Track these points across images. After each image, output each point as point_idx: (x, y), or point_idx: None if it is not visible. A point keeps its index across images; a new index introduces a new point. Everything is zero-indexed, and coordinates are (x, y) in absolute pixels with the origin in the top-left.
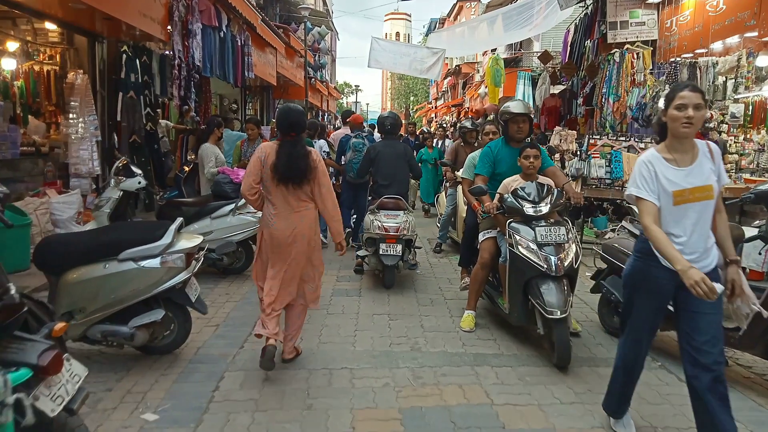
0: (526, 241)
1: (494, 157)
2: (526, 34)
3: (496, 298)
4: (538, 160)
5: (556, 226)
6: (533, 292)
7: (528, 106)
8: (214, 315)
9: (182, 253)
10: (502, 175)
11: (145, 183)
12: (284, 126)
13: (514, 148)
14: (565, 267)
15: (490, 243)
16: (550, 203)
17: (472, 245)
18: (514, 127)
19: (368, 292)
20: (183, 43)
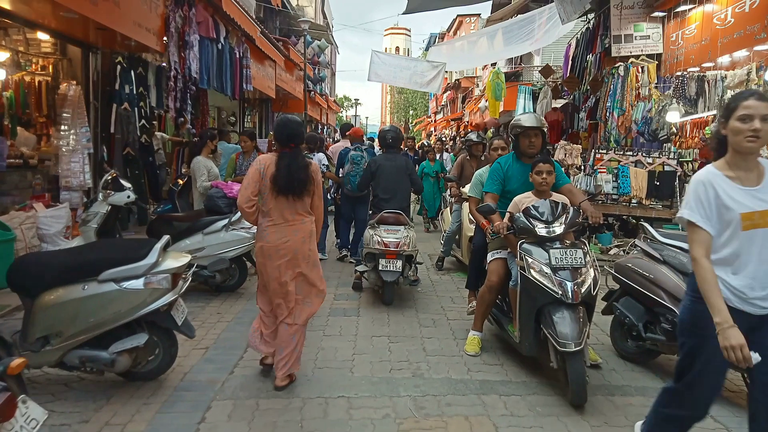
0: (539, 264)
1: (504, 174)
2: (527, 48)
3: (505, 325)
4: (552, 176)
5: (572, 249)
6: (546, 321)
7: (541, 120)
8: (204, 336)
9: (168, 273)
10: (513, 193)
11: (134, 197)
12: (283, 137)
13: (525, 163)
14: (581, 293)
15: (499, 265)
16: (565, 223)
17: (481, 266)
18: (526, 141)
19: (367, 311)
20: (179, 54)
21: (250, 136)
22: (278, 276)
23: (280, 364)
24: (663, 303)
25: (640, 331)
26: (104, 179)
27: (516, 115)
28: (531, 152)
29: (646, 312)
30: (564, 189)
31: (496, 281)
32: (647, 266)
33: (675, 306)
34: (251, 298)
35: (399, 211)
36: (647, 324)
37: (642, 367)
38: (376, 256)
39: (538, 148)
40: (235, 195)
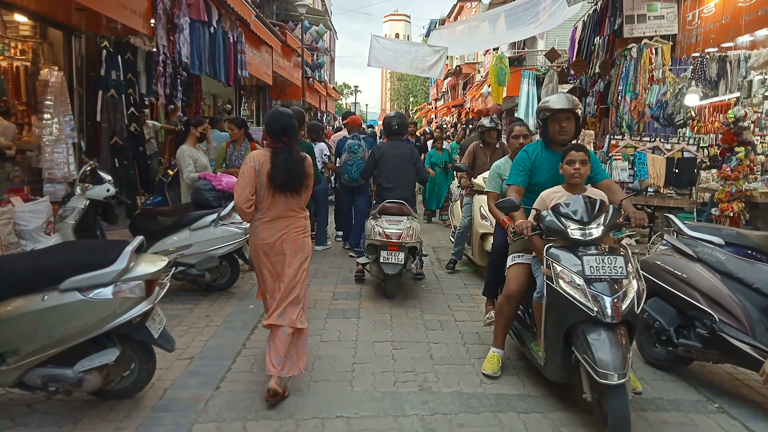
0: (570, 273)
1: (531, 164)
2: (531, 32)
3: (528, 341)
4: (586, 166)
5: (611, 256)
6: (579, 344)
7: (573, 100)
8: (190, 344)
9: (141, 279)
10: (541, 187)
11: (114, 191)
12: (275, 131)
13: (556, 152)
14: (622, 312)
15: (520, 271)
16: (604, 225)
17: (500, 271)
18: (556, 126)
19: (368, 312)
20: (168, 38)
21: (238, 125)
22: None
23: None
24: (698, 306)
25: (672, 336)
26: (82, 171)
27: (519, 102)
28: (562, 139)
29: (679, 315)
30: (602, 185)
31: (515, 290)
32: (679, 264)
33: (713, 309)
34: (243, 298)
35: (402, 201)
36: (679, 328)
37: (673, 376)
38: (378, 248)
39: (570, 134)
40: (224, 187)
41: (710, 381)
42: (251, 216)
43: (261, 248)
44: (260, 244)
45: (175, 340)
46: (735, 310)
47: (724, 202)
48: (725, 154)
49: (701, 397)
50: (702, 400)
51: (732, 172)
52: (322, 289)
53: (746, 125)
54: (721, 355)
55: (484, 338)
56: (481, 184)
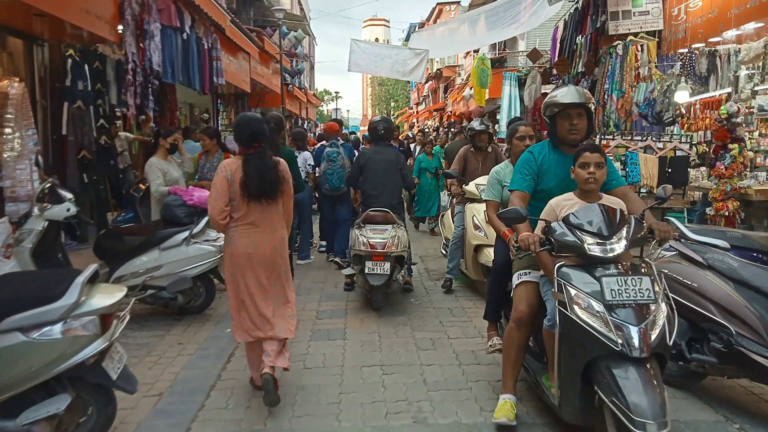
0: (587, 298)
1: (538, 167)
2: (512, 33)
3: (538, 375)
4: (602, 170)
5: (635, 276)
6: (604, 383)
7: (585, 94)
8: (159, 377)
9: (95, 315)
10: (548, 194)
11: (75, 210)
12: (245, 137)
13: (566, 154)
14: (652, 343)
15: (530, 290)
16: (627, 239)
17: (502, 291)
18: (566, 124)
19: (355, 332)
20: (138, 44)
21: (210, 135)
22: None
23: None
24: (712, 318)
25: (684, 350)
26: (40, 189)
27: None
28: (573, 138)
29: (690, 328)
30: (618, 192)
31: (526, 312)
32: (688, 273)
33: (729, 321)
34: (220, 321)
35: (386, 209)
36: (691, 342)
37: (685, 393)
38: (363, 258)
39: (582, 133)
40: (195, 203)
41: (725, 398)
42: (225, 228)
43: (236, 258)
44: (236, 253)
45: (137, 380)
46: (752, 321)
47: (719, 201)
48: (718, 152)
49: (720, 417)
50: (721, 421)
51: (726, 169)
52: (305, 308)
53: (739, 121)
54: (739, 371)
55: (480, 357)
56: (473, 192)
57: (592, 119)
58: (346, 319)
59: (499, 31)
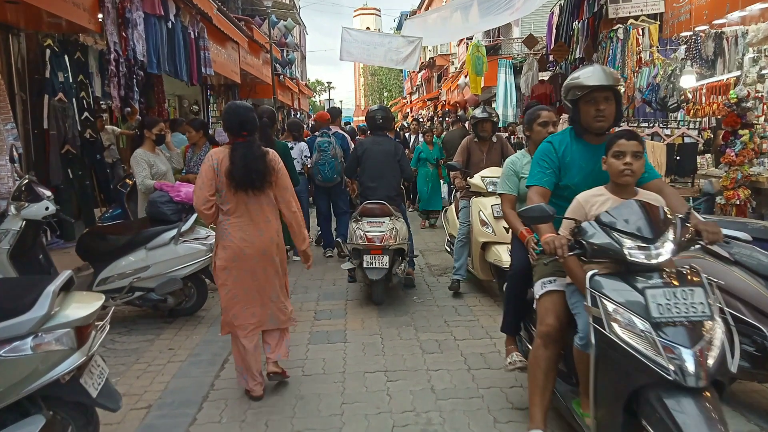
0: (629, 314)
1: (559, 159)
2: (506, 19)
3: (567, 399)
4: (640, 161)
5: (685, 287)
6: (654, 418)
7: (613, 75)
8: (148, 387)
9: (69, 327)
10: (572, 191)
11: (55, 208)
12: (234, 126)
13: (591, 144)
14: (710, 369)
15: (557, 302)
16: (674, 242)
17: (521, 299)
18: (591, 110)
19: (356, 334)
20: (120, 34)
21: (196, 127)
22: (249, 279)
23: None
24: (742, 318)
25: None
26: (16, 187)
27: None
28: (600, 126)
29: None
30: (652, 186)
31: (554, 326)
32: (713, 269)
33: (760, 322)
34: (213, 324)
35: (383, 201)
36: None
37: None
38: (361, 252)
39: (610, 119)
40: (183, 199)
41: (756, 404)
42: (212, 218)
43: (231, 251)
44: (230, 246)
45: (120, 395)
46: None
47: (729, 189)
48: (728, 138)
49: (753, 427)
50: (755, 431)
51: (737, 156)
52: (303, 307)
53: (750, 106)
54: None
55: (490, 360)
56: (479, 185)
57: (621, 104)
58: (346, 319)
59: (492, 18)
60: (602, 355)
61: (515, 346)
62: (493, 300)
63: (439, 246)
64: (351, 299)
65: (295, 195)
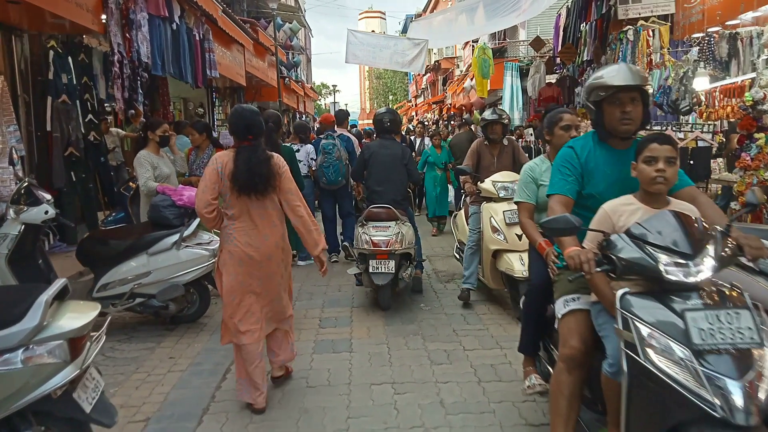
0: (666, 340)
1: (582, 166)
2: (513, 21)
3: (593, 429)
4: (674, 167)
5: (730, 310)
6: None
7: (641, 73)
8: (147, 398)
9: (62, 339)
10: (596, 200)
11: (55, 212)
12: (240, 130)
13: (616, 149)
14: (762, 405)
15: (580, 321)
16: (715, 258)
17: (539, 318)
18: (616, 112)
19: (362, 343)
20: (124, 35)
21: (199, 129)
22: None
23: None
24: None
25: None
26: (15, 190)
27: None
28: (626, 129)
29: None
30: (684, 194)
31: (580, 350)
32: (737, 279)
33: None
34: (215, 331)
35: (388, 206)
36: None
37: None
38: (367, 257)
39: (637, 122)
40: (185, 203)
41: None
42: (214, 223)
43: (236, 255)
44: (235, 251)
45: (116, 410)
46: None
47: (745, 195)
48: (743, 142)
49: None
50: None
51: (752, 161)
52: (307, 315)
53: (766, 108)
54: None
55: (501, 372)
56: (490, 190)
57: (649, 105)
58: (352, 327)
59: (498, 20)
60: (635, 384)
61: (534, 367)
62: (503, 309)
63: (446, 251)
64: (357, 306)
65: (303, 198)
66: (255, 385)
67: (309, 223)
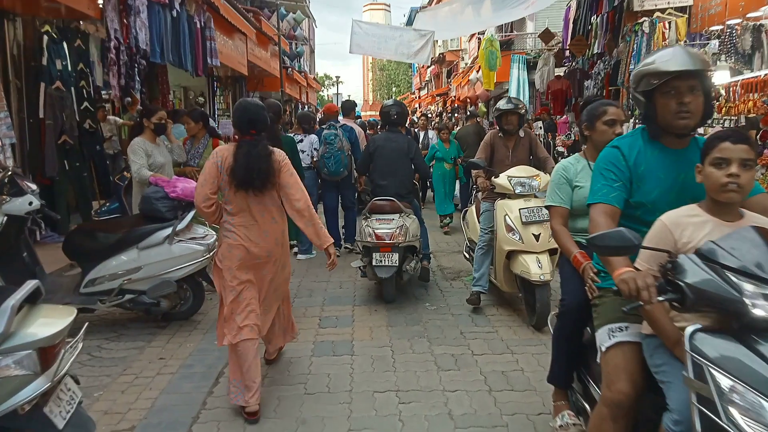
0: (756, 397)
1: (630, 169)
2: (521, 14)
3: None
4: (750, 172)
5: None
6: None
7: (701, 57)
8: (133, 404)
9: (31, 348)
10: (649, 210)
11: (39, 203)
12: (243, 123)
13: (672, 149)
14: None
15: (629, 358)
16: None
17: (573, 344)
18: (671, 103)
19: (364, 345)
20: (121, 21)
21: (195, 118)
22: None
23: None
24: None
25: None
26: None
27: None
28: (683, 124)
29: None
30: (755, 203)
31: (628, 393)
32: None
33: None
34: (209, 330)
35: (392, 198)
36: None
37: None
38: (371, 250)
39: (697, 116)
40: (179, 195)
41: None
42: (213, 217)
43: (236, 250)
44: (234, 245)
45: (94, 424)
46: None
47: None
48: (766, 138)
49: None
50: None
51: None
52: (307, 313)
53: None
54: None
55: (512, 381)
56: (505, 185)
57: (711, 95)
58: (354, 327)
59: (506, 12)
60: None
61: (566, 402)
62: (512, 309)
63: (451, 247)
64: (359, 304)
65: (305, 191)
66: (248, 385)
67: (308, 218)
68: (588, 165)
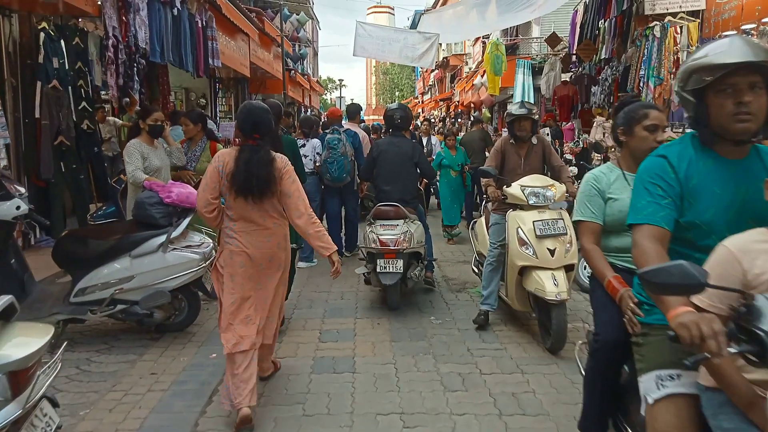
0: None
1: (680, 183)
2: (527, 17)
3: None
4: None
5: None
6: None
7: (765, 49)
8: (120, 425)
9: (1, 372)
10: (702, 230)
11: (27, 208)
12: (247, 127)
13: (729, 159)
14: None
15: (683, 414)
16: None
17: (609, 385)
18: (728, 103)
19: (366, 361)
20: (120, 18)
21: (193, 119)
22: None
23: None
24: None
25: None
26: None
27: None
28: (743, 128)
29: None
30: None
31: None
32: None
33: None
34: (204, 343)
35: (396, 204)
36: None
37: None
38: (375, 256)
39: (759, 118)
40: (174, 201)
41: None
42: (215, 222)
43: (237, 255)
44: (236, 251)
45: None
46: None
47: None
48: None
49: None
50: None
51: None
52: (306, 326)
53: None
54: None
55: (524, 404)
56: (518, 195)
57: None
58: (355, 342)
59: (512, 16)
60: None
61: None
62: (520, 325)
63: (456, 256)
64: (361, 317)
65: (305, 199)
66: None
67: (311, 224)
68: (623, 175)
